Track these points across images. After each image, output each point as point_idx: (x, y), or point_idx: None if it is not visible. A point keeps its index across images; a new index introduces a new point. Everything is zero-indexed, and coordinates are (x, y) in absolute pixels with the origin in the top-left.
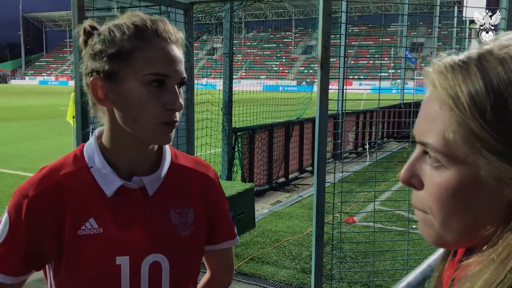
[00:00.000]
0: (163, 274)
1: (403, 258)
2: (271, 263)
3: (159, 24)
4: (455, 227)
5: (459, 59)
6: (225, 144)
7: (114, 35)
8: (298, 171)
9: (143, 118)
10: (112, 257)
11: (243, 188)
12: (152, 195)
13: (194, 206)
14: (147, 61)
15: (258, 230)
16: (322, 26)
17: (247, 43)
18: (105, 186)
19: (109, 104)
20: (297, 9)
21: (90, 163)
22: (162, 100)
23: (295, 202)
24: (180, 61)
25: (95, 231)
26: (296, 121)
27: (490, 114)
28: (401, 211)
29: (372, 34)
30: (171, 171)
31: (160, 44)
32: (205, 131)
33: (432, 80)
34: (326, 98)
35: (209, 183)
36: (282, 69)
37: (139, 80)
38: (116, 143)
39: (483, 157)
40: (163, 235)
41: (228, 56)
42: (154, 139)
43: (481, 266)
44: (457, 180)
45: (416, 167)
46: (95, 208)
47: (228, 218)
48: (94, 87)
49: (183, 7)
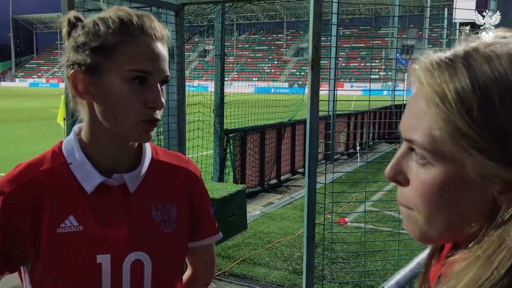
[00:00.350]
0: (146, 272)
1: (394, 258)
2: (263, 264)
3: (145, 20)
4: (440, 224)
5: (445, 56)
6: (217, 145)
7: (98, 28)
8: (290, 173)
9: (122, 114)
10: (92, 256)
11: (235, 190)
12: (133, 192)
13: (177, 202)
14: (131, 57)
15: (250, 232)
16: (313, 27)
17: (239, 45)
18: (85, 183)
19: (89, 98)
20: (288, 11)
21: (69, 159)
22: (144, 98)
23: (287, 204)
24: (164, 58)
25: (75, 229)
26: (287, 122)
27: (477, 112)
28: (392, 212)
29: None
30: (152, 168)
31: (145, 40)
32: (197, 132)
33: (419, 77)
34: (317, 99)
35: (192, 179)
36: (274, 71)
37: (121, 75)
38: (96, 139)
39: (468, 155)
40: (145, 233)
41: (219, 58)
42: (133, 137)
43: (467, 262)
44: (442, 177)
45: (402, 164)
46: (75, 205)
47: (210, 214)
48: (75, 80)
49: (174, 8)
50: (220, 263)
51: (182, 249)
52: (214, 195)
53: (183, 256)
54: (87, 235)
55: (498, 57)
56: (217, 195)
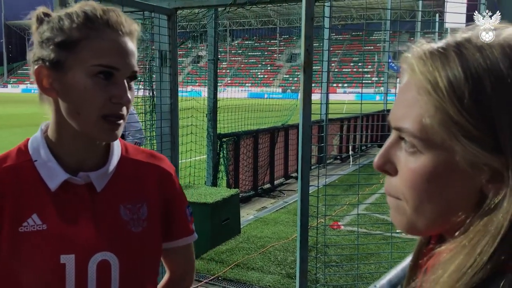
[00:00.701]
0: (113, 273)
1: (387, 261)
2: (256, 269)
3: (110, 15)
4: (428, 213)
5: (437, 46)
6: (210, 150)
7: (63, 23)
8: (284, 177)
9: (86, 110)
10: (56, 256)
11: (228, 194)
12: (100, 191)
13: (148, 201)
14: (95, 52)
15: (244, 236)
16: (305, 30)
17: (232, 51)
18: (49, 180)
19: (54, 94)
20: (281, 17)
21: (35, 157)
22: (109, 93)
23: (280, 208)
24: (131, 53)
25: (37, 228)
26: (281, 127)
27: (468, 100)
28: (385, 216)
29: (356, 42)
30: (121, 166)
31: (110, 35)
32: (190, 137)
33: (411, 65)
34: (309, 102)
35: (165, 176)
36: (267, 77)
37: (85, 70)
38: (62, 136)
39: (459, 142)
40: (112, 232)
41: (212, 63)
42: (97, 134)
43: (453, 252)
44: (432, 165)
45: (391, 153)
46: (38, 203)
47: (185, 214)
48: (39, 76)
49: (166, 12)
50: (214, 268)
51: (154, 249)
52: (207, 200)
53: (155, 256)
54: (51, 234)
55: (490, 47)
56: (211, 199)
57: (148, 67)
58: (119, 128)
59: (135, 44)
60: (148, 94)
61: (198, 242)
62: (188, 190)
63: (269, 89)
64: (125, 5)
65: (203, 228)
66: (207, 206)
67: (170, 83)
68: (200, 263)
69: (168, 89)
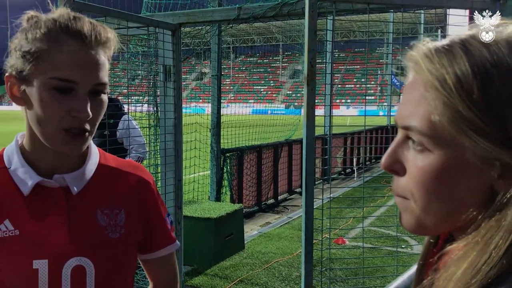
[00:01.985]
0: (88, 279)
1: (392, 276)
2: (261, 285)
3: (74, 24)
4: (437, 211)
5: (443, 43)
6: (214, 165)
7: (30, 32)
8: (287, 193)
9: (44, 122)
10: (28, 261)
11: (232, 209)
12: (76, 194)
13: (126, 207)
14: (53, 64)
15: (248, 252)
16: (308, 43)
17: (236, 67)
18: (22, 185)
19: (22, 103)
20: (284, 34)
21: (8, 164)
22: (68, 106)
23: (284, 224)
24: (95, 65)
25: (10, 233)
26: (284, 142)
27: (477, 95)
28: (390, 231)
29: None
30: (100, 172)
31: (71, 47)
32: (194, 152)
33: (417, 63)
34: (313, 114)
35: (143, 185)
36: (270, 93)
37: (43, 83)
38: (34, 144)
39: (469, 138)
40: (88, 237)
41: (216, 78)
42: (57, 146)
43: (466, 249)
44: (441, 163)
45: (398, 153)
46: (11, 209)
47: (165, 222)
48: (9, 83)
49: (170, 27)
50: (218, 284)
51: (130, 256)
52: (211, 215)
53: (131, 263)
54: (23, 239)
55: (496, 42)
56: (214, 214)
57: (152, 82)
58: (82, 141)
59: (107, 55)
60: (152, 109)
61: (201, 257)
62: (191, 205)
63: (272, 105)
64: (130, 20)
65: (207, 243)
66: (210, 221)
67: (174, 98)
68: (204, 278)
69: (172, 104)
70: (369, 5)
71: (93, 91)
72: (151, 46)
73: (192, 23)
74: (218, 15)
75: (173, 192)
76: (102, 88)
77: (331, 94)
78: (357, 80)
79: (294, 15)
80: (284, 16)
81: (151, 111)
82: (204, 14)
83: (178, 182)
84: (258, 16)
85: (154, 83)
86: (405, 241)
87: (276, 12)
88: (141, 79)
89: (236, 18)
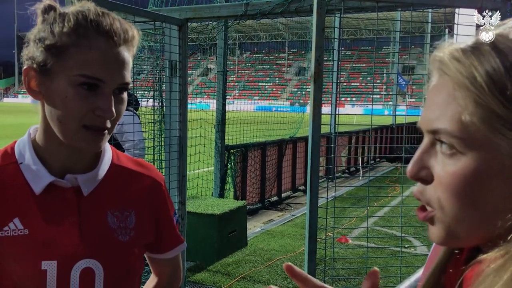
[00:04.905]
0: (97, 282)
1: (395, 276)
2: (263, 282)
3: (103, 21)
4: (470, 220)
5: (468, 43)
6: (218, 161)
7: (55, 25)
8: (291, 190)
9: (66, 119)
10: (37, 262)
11: (235, 206)
12: (87, 195)
13: (137, 210)
14: (81, 61)
15: (250, 249)
16: (315, 41)
17: (241, 64)
18: (33, 183)
19: (41, 97)
20: (290, 31)
21: (20, 159)
22: (93, 105)
23: (287, 221)
24: (121, 64)
25: (19, 233)
26: (289, 139)
27: (511, 91)
28: (393, 230)
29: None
30: (111, 172)
31: (100, 44)
32: (198, 148)
33: (444, 64)
34: (319, 112)
35: (155, 187)
36: (275, 90)
37: (68, 79)
38: (48, 141)
39: (505, 137)
40: (98, 239)
41: (222, 74)
42: (77, 143)
43: (505, 259)
44: (475, 166)
45: (425, 159)
46: (21, 207)
47: (173, 223)
48: (27, 77)
49: (177, 22)
50: (220, 280)
51: (138, 259)
52: (214, 211)
53: (139, 266)
54: (33, 239)
55: None
56: (218, 211)
57: (158, 77)
58: (102, 138)
59: (131, 53)
60: (157, 104)
61: (204, 253)
62: (195, 201)
63: (277, 103)
64: (137, 15)
65: (210, 239)
66: (214, 218)
67: (179, 93)
68: (206, 274)
69: (178, 99)
70: (378, 3)
71: (116, 90)
72: (157, 41)
73: (199, 18)
74: (225, 11)
75: (177, 187)
76: (126, 87)
77: (337, 92)
78: (362, 78)
79: (302, 12)
80: (291, 13)
81: (156, 106)
82: (211, 9)
83: (182, 177)
84: (265, 13)
85: (159, 78)
86: (409, 241)
87: (284, 9)
88: (147, 74)
89: (243, 14)
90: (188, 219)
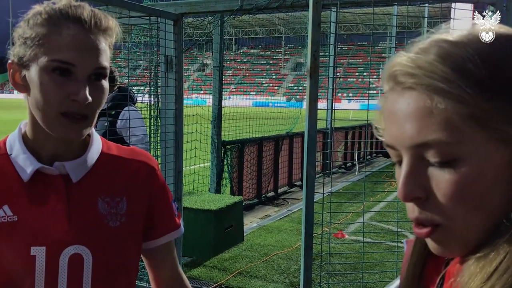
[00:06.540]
0: (85, 268)
1: (392, 271)
2: (259, 277)
3: (74, 10)
4: (478, 223)
5: (414, 51)
6: (214, 157)
7: (32, 20)
8: (288, 186)
9: (44, 106)
10: (26, 247)
11: (232, 201)
12: (77, 182)
13: (128, 195)
14: (52, 47)
15: (247, 244)
16: (311, 36)
17: (238, 59)
18: (22, 171)
19: (24, 90)
20: (287, 26)
21: (10, 151)
22: (68, 90)
23: (284, 217)
24: (94, 49)
25: (8, 219)
26: (285, 135)
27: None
28: (389, 225)
29: (361, 52)
30: (102, 160)
31: (70, 30)
32: (194, 144)
33: (407, 75)
34: (315, 107)
35: (147, 171)
36: (272, 86)
37: (42, 66)
38: (36, 131)
39: (497, 129)
40: (87, 225)
41: (218, 69)
42: (56, 131)
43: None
44: (474, 169)
45: (415, 177)
46: (11, 195)
47: (170, 208)
48: (11, 71)
49: (172, 17)
50: (216, 276)
51: (132, 245)
52: (211, 206)
53: (133, 253)
54: (22, 225)
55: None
56: (214, 206)
57: (154, 72)
58: (82, 126)
59: (108, 42)
60: (153, 99)
61: (200, 249)
62: (191, 197)
63: (274, 98)
64: (132, 9)
65: (206, 235)
66: (210, 213)
67: (175, 89)
68: (203, 270)
69: (173, 95)
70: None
71: (93, 75)
72: (152, 36)
73: (195, 13)
74: (221, 6)
75: (173, 183)
76: (103, 73)
77: (334, 88)
78: (359, 73)
79: (298, 7)
80: (287, 8)
81: (152, 101)
82: (206, 4)
83: (178, 173)
84: (261, 7)
85: (155, 74)
86: (405, 236)
87: (280, 4)
88: (142, 69)
89: (239, 9)
90: (185, 214)
